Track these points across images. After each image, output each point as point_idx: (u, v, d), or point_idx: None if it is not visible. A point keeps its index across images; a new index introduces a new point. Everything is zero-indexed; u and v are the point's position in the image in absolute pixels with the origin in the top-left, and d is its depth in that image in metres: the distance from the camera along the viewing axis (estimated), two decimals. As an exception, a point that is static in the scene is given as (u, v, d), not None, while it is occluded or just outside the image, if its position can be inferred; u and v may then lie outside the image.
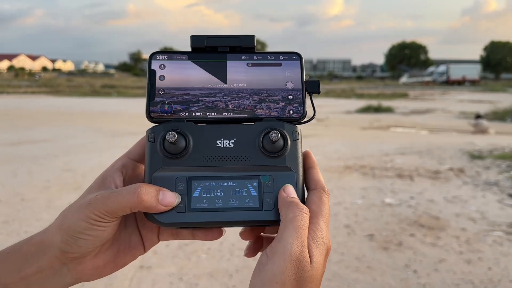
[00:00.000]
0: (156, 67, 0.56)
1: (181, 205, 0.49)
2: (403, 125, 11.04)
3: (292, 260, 0.43)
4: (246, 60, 0.57)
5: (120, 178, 0.52)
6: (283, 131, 0.52)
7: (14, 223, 3.71)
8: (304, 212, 0.46)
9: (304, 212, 0.46)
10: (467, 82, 46.92)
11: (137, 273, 2.85)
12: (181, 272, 2.87)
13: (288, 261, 0.43)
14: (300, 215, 0.46)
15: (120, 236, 0.53)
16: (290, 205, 0.47)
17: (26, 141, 7.76)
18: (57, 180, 5.05)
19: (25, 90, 26.63)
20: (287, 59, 0.58)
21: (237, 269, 2.90)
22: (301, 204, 0.47)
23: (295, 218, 0.45)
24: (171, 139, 0.50)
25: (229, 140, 0.52)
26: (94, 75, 66.59)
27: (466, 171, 5.53)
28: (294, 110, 0.55)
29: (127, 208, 0.47)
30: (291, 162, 0.52)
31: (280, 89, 0.56)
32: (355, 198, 4.40)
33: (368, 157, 6.41)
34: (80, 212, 0.47)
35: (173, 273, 2.86)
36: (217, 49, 0.57)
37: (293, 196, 0.48)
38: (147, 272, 2.86)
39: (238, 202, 0.50)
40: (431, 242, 3.33)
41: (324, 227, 0.47)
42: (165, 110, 0.54)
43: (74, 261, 0.49)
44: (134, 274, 2.83)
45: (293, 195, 0.48)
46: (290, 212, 0.46)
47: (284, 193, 0.49)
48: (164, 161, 0.51)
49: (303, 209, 0.46)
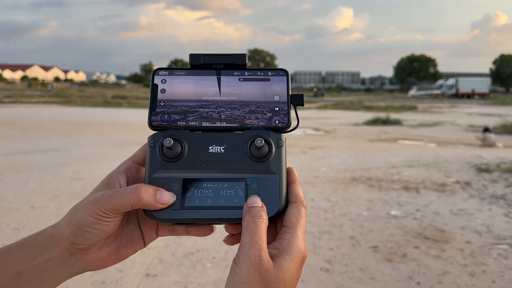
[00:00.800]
0: (158, 81, 0.63)
1: (176, 203, 0.55)
2: (411, 137, 11.03)
3: (253, 263, 0.47)
4: (238, 75, 0.63)
5: (124, 179, 0.59)
6: (268, 138, 0.58)
7: (24, 230, 3.78)
8: (256, 217, 0.51)
9: (257, 218, 0.51)
10: (477, 95, 46.68)
11: (143, 280, 2.90)
12: (186, 281, 2.91)
13: (249, 264, 0.47)
14: (252, 222, 0.50)
15: (123, 231, 0.59)
16: (246, 214, 0.52)
17: (37, 150, 7.89)
18: (67, 189, 5.14)
19: (38, 100, 26.99)
20: (275, 75, 0.64)
21: (242, 278, 2.94)
22: (254, 211, 0.52)
23: (248, 225, 0.50)
24: (168, 144, 0.56)
25: (220, 146, 0.58)
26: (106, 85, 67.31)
27: (473, 184, 5.53)
28: (279, 120, 0.61)
29: (129, 206, 0.53)
30: (275, 167, 0.57)
31: (268, 101, 0.62)
32: (360, 210, 4.42)
33: (375, 169, 6.43)
34: (87, 208, 0.53)
35: (178, 282, 2.90)
36: (213, 66, 0.63)
37: (252, 205, 0.53)
38: (152, 280, 2.91)
39: (226, 202, 0.55)
40: (435, 255, 3.34)
41: (300, 236, 0.52)
42: (165, 120, 0.61)
43: (81, 251, 0.55)
44: (140, 282, 2.88)
45: (254, 204, 0.53)
46: (245, 220, 0.51)
47: (246, 205, 0.53)
48: (162, 164, 0.57)
49: (255, 216, 0.51)
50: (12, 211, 4.28)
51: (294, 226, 0.52)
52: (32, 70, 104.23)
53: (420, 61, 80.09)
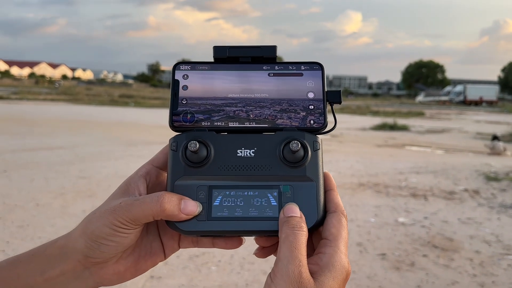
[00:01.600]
0: (179, 77, 0.57)
1: (202, 214, 0.50)
2: (419, 144, 10.95)
3: (292, 281, 0.43)
4: (268, 70, 0.58)
5: (143, 185, 0.53)
6: (303, 141, 0.52)
7: (28, 228, 3.76)
8: (296, 229, 0.46)
9: (296, 230, 0.46)
10: (484, 102, 46.41)
11: (147, 283, 2.86)
12: (191, 284, 2.88)
13: (287, 282, 0.43)
14: (291, 234, 0.45)
15: (141, 242, 0.54)
16: (283, 225, 0.47)
17: (43, 148, 7.89)
18: (72, 187, 5.12)
19: (45, 97, 27.10)
20: (308, 69, 0.58)
21: (247, 283, 2.90)
22: (293, 222, 0.47)
23: (287, 238, 0.45)
24: (193, 148, 0.51)
25: (249, 149, 0.53)
26: (113, 84, 67.53)
27: (482, 192, 5.46)
28: (315, 120, 0.56)
29: (150, 216, 0.48)
30: (311, 172, 0.52)
31: (301, 99, 0.57)
32: (368, 216, 4.36)
33: (382, 175, 6.37)
34: (104, 218, 0.48)
35: (183, 285, 2.86)
36: (239, 59, 0.58)
37: (290, 214, 0.48)
38: (157, 283, 2.87)
39: (258, 212, 0.50)
40: (444, 264, 3.28)
41: (343, 250, 0.47)
42: (188, 120, 0.55)
43: (96, 265, 0.50)
44: (144, 284, 2.84)
45: (291, 213, 0.48)
46: (282, 232, 0.46)
47: (282, 213, 0.48)
48: (186, 169, 0.52)
49: (295, 227, 0.46)
50: (16, 208, 4.27)
51: (335, 238, 0.47)
52: (40, 67, 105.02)
53: (428, 67, 79.84)
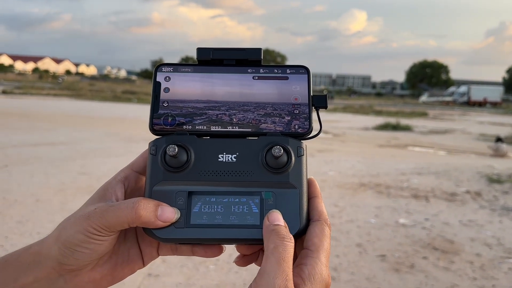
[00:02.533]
0: (161, 79, 0.56)
1: (180, 220, 0.48)
2: (421, 144, 10.90)
3: None
4: (252, 73, 0.56)
5: (121, 190, 0.51)
6: (287, 146, 0.51)
7: (27, 223, 3.75)
8: (286, 240, 0.43)
9: (286, 241, 0.43)
10: (488, 104, 46.22)
11: (144, 281, 2.85)
12: (188, 282, 2.86)
13: None
14: (281, 245, 0.43)
15: (118, 249, 0.52)
16: (271, 234, 0.44)
17: (45, 143, 7.89)
18: (72, 183, 5.11)
19: (48, 92, 27.14)
20: (294, 73, 0.57)
21: (245, 283, 2.88)
22: (283, 232, 0.44)
23: (276, 249, 0.43)
24: (172, 152, 0.49)
25: (231, 154, 0.52)
26: (116, 80, 67.51)
27: (484, 194, 5.42)
28: (299, 125, 0.54)
29: (125, 223, 0.46)
30: (294, 179, 0.50)
31: (286, 103, 0.55)
32: (368, 217, 4.34)
33: (383, 175, 6.34)
34: (78, 224, 0.46)
35: (180, 283, 2.85)
36: (223, 61, 0.56)
37: (276, 223, 0.46)
38: (154, 281, 2.86)
39: (238, 219, 0.48)
40: (444, 266, 3.25)
41: (324, 262, 0.45)
42: (168, 123, 0.54)
43: (71, 273, 0.48)
44: (142, 282, 2.83)
45: (277, 222, 0.46)
46: (271, 242, 0.43)
47: (267, 220, 0.46)
48: (165, 174, 0.50)
49: (284, 238, 0.44)
50: (16, 204, 4.26)
51: (317, 249, 0.45)
52: (43, 62, 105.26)
53: (432, 67, 79.63)
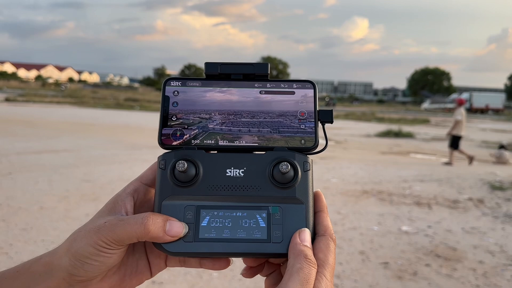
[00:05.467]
0: (170, 93, 0.57)
1: (189, 234, 0.49)
2: (424, 151, 10.91)
3: None
4: (259, 87, 0.57)
5: (131, 203, 0.52)
6: (293, 161, 0.52)
7: (32, 230, 3.77)
8: (312, 265, 0.45)
9: (312, 265, 0.45)
10: (490, 110, 46.18)
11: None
12: (192, 290, 2.87)
13: None
14: (307, 268, 0.44)
15: (127, 260, 0.54)
16: (299, 254, 0.45)
17: (48, 150, 7.92)
18: (76, 190, 5.13)
19: (51, 99, 27.23)
20: (300, 88, 0.57)
21: (248, 290, 2.89)
22: (310, 255, 0.46)
23: (302, 270, 0.44)
24: (181, 168, 0.50)
25: (239, 169, 0.52)
26: (119, 88, 67.70)
27: (486, 202, 5.42)
28: (306, 140, 0.55)
29: (134, 238, 0.48)
30: (301, 194, 0.51)
31: (292, 117, 0.56)
32: (371, 224, 4.34)
33: (386, 182, 6.34)
34: (88, 237, 0.48)
35: (184, 290, 2.86)
36: (231, 76, 0.57)
37: (306, 244, 0.47)
38: (158, 288, 2.87)
39: (246, 233, 0.49)
40: (446, 274, 3.26)
41: (329, 278, 0.46)
42: (177, 137, 0.55)
43: (80, 283, 0.49)
44: (146, 289, 2.84)
45: (307, 243, 0.47)
46: (297, 262, 0.44)
47: (298, 238, 0.47)
48: (174, 189, 0.51)
49: (311, 262, 0.45)
50: (20, 211, 4.28)
51: (322, 264, 0.46)
52: (46, 70, 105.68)
53: (434, 74, 79.67)
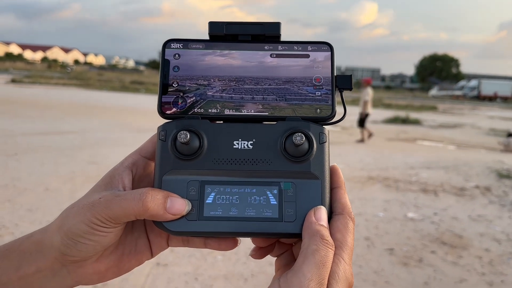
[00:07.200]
0: (170, 56, 0.51)
1: (193, 212, 0.45)
2: (431, 138, 10.83)
3: None
4: (270, 50, 0.51)
5: (129, 177, 0.48)
6: (308, 132, 0.47)
7: (37, 211, 3.78)
8: (329, 246, 0.41)
9: (329, 247, 0.41)
10: (499, 98, 45.74)
11: (153, 270, 2.87)
12: (196, 272, 2.87)
13: None
14: (323, 249, 0.40)
15: (125, 239, 0.49)
16: (315, 234, 0.41)
17: (54, 132, 7.93)
18: (82, 172, 5.14)
19: (57, 81, 27.25)
20: (316, 50, 0.52)
21: (253, 274, 2.89)
22: (327, 235, 0.41)
23: (318, 251, 0.40)
24: (183, 139, 0.45)
25: (247, 141, 0.47)
26: (124, 70, 67.67)
27: (493, 190, 5.38)
28: (322, 109, 0.50)
29: (132, 215, 0.43)
30: (316, 169, 0.46)
31: (307, 84, 0.51)
32: (376, 210, 4.32)
33: (392, 169, 6.31)
34: (81, 214, 0.43)
35: (188, 273, 2.86)
36: (238, 37, 0.52)
37: (322, 223, 0.43)
38: (163, 270, 2.87)
39: (255, 211, 0.45)
40: (452, 261, 3.24)
41: (347, 260, 0.42)
42: (178, 105, 0.50)
43: (74, 263, 0.45)
44: (150, 271, 2.85)
45: (323, 222, 0.43)
46: (313, 242, 0.41)
47: (313, 217, 0.43)
48: (176, 162, 0.47)
49: (328, 243, 0.41)
50: (26, 192, 4.29)
51: (340, 245, 0.42)
52: (52, 51, 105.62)
53: (443, 61, 78.85)
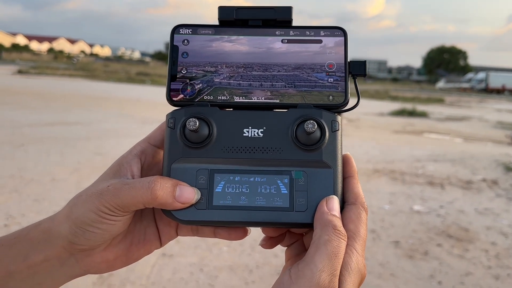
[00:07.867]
0: (179, 42, 0.50)
1: (202, 201, 0.45)
2: (437, 131, 10.77)
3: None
4: (281, 35, 0.51)
5: (137, 166, 0.48)
6: (320, 120, 0.46)
7: (44, 202, 3.80)
8: (341, 236, 0.40)
9: (342, 237, 0.40)
10: (507, 91, 45.32)
11: (159, 260, 2.88)
12: (202, 263, 2.88)
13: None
14: (336, 240, 0.40)
15: (134, 228, 0.49)
16: (327, 225, 0.41)
17: (60, 123, 7.96)
18: (88, 163, 5.16)
19: (63, 72, 27.30)
20: (328, 35, 0.51)
21: (258, 265, 2.89)
22: (339, 226, 0.41)
23: (330, 242, 0.39)
24: (193, 126, 0.45)
25: (258, 129, 0.47)
26: (130, 62, 67.58)
27: (500, 183, 5.35)
28: (334, 96, 0.49)
29: (140, 204, 0.43)
30: (328, 157, 0.45)
31: (319, 70, 0.50)
32: (382, 203, 4.31)
33: (398, 161, 6.28)
34: (89, 202, 0.43)
35: (194, 263, 2.87)
36: (248, 22, 0.51)
37: (334, 213, 0.42)
38: (168, 260, 2.88)
39: (265, 200, 0.45)
40: (458, 254, 3.23)
41: (360, 251, 0.41)
42: (187, 92, 0.49)
43: (82, 252, 0.45)
44: (156, 261, 2.86)
45: (335, 212, 0.42)
46: (325, 233, 0.40)
47: (325, 207, 0.42)
48: (185, 150, 0.46)
49: (340, 233, 0.40)
50: (32, 182, 4.31)
51: (352, 236, 0.41)
52: (58, 42, 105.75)
53: (450, 53, 78.15)
